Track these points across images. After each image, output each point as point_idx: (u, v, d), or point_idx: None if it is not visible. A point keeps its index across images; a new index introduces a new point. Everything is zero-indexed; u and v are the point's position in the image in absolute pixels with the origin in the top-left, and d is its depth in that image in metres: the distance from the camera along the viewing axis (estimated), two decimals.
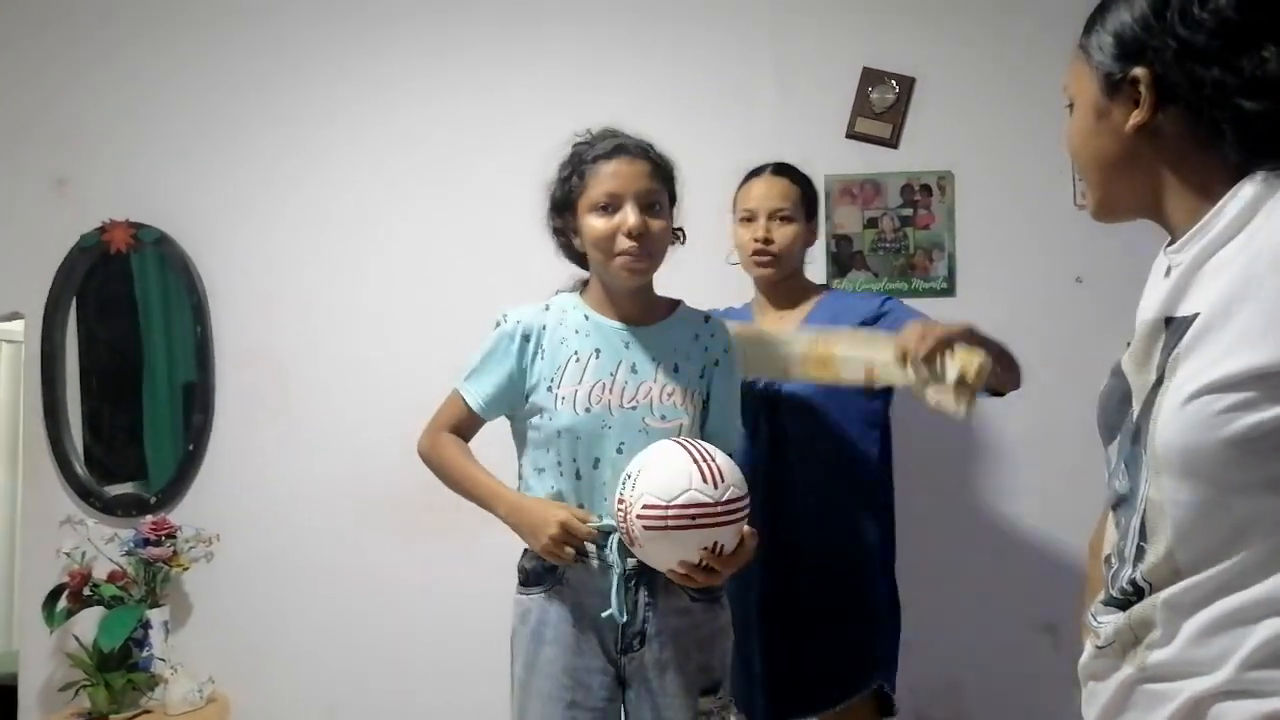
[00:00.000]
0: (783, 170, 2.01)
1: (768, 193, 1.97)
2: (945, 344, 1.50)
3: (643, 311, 1.66)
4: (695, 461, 1.46)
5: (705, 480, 1.44)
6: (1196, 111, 0.87)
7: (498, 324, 1.68)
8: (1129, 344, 0.98)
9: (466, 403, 1.68)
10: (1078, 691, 1.00)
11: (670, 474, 1.45)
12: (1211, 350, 0.82)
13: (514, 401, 1.66)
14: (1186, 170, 0.89)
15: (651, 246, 1.59)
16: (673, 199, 1.65)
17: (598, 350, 1.62)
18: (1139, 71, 0.88)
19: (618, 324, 1.65)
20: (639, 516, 1.45)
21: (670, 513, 1.43)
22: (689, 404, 1.61)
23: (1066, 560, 2.31)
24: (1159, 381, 0.86)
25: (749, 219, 1.97)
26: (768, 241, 1.93)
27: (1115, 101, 0.91)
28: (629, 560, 1.55)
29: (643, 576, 1.57)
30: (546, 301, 1.71)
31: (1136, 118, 0.89)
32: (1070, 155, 0.98)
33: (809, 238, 2.02)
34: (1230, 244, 0.85)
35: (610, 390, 1.59)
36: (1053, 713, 2.27)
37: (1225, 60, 0.85)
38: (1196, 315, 0.85)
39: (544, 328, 1.65)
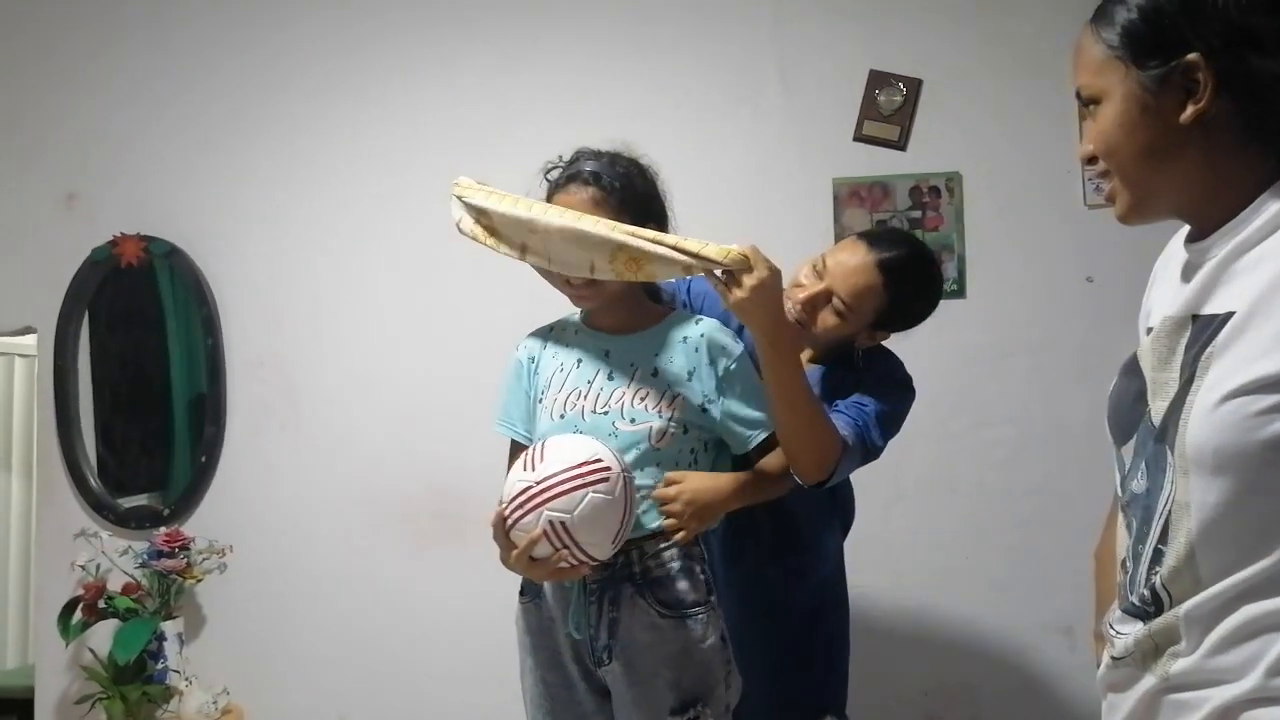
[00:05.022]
0: (888, 256, 1.62)
1: (848, 271, 1.62)
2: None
3: (627, 321, 1.65)
4: (523, 457, 1.49)
5: (525, 468, 1.46)
6: (1243, 101, 0.83)
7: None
8: (1142, 342, 0.97)
9: (508, 437, 1.70)
10: (1096, 693, 0.99)
11: (508, 480, 1.49)
12: (1248, 349, 0.80)
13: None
14: (1229, 163, 0.86)
15: (592, 278, 1.55)
16: (643, 215, 1.57)
17: (579, 360, 1.64)
18: (1194, 58, 0.83)
19: (601, 334, 1.66)
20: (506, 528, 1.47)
21: (510, 509, 1.45)
22: (665, 406, 1.57)
23: (1082, 561, 2.28)
24: (1189, 380, 0.84)
25: (816, 273, 1.65)
26: (809, 306, 1.64)
27: (1163, 92, 0.85)
28: (591, 576, 1.53)
29: (607, 591, 1.55)
30: (553, 322, 1.74)
31: (1195, 106, 0.84)
32: (1103, 155, 0.91)
33: (860, 339, 1.69)
34: (1266, 241, 0.83)
35: (585, 397, 1.60)
36: (1069, 715, 2.26)
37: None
38: (1231, 314, 0.82)
39: (544, 347, 1.70)
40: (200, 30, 2.60)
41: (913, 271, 1.66)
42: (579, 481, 1.41)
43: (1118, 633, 0.92)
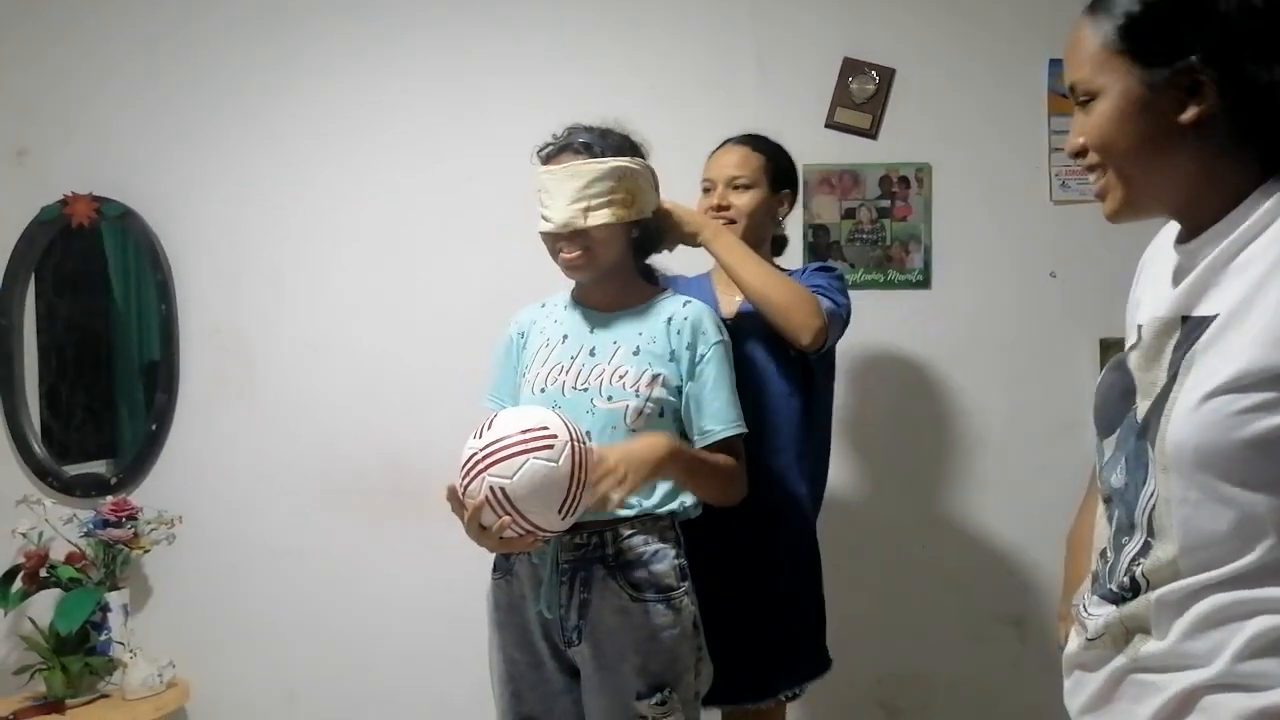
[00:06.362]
0: (744, 140, 1.97)
1: (725, 161, 1.94)
2: None
3: (616, 298, 1.67)
4: (477, 425, 1.45)
5: (475, 436, 1.43)
6: (1235, 105, 0.84)
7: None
8: (1127, 340, 0.97)
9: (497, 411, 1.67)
10: (1044, 682, 1.00)
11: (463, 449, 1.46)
12: (1230, 349, 0.81)
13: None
14: (1219, 164, 0.87)
15: (587, 244, 1.58)
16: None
17: (565, 336, 1.65)
18: (1196, 60, 0.84)
19: (590, 310, 1.67)
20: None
21: (460, 477, 1.42)
22: (644, 386, 1.57)
23: (1034, 552, 2.33)
24: (1173, 379, 0.85)
25: (708, 189, 1.94)
26: (722, 208, 1.88)
27: (1164, 91, 0.86)
28: (563, 556, 1.55)
29: (579, 572, 1.55)
30: (545, 298, 1.76)
31: (1198, 108, 0.85)
32: (1097, 149, 0.91)
33: (775, 206, 1.94)
34: (1254, 244, 0.84)
35: (567, 372, 1.61)
36: (1018, 703, 2.30)
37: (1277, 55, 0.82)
38: (1216, 316, 0.83)
39: (533, 322, 1.71)
40: None
41: (753, 135, 2.00)
42: (521, 448, 1.38)
43: (1091, 615, 0.93)
